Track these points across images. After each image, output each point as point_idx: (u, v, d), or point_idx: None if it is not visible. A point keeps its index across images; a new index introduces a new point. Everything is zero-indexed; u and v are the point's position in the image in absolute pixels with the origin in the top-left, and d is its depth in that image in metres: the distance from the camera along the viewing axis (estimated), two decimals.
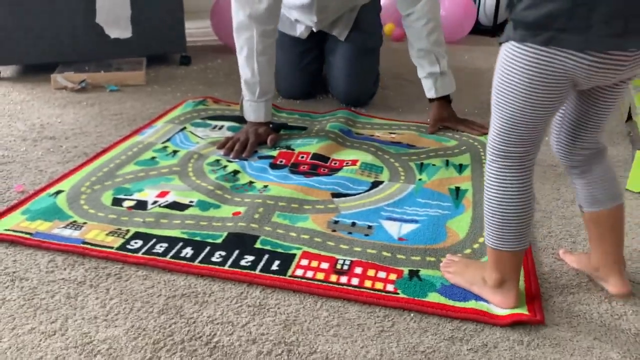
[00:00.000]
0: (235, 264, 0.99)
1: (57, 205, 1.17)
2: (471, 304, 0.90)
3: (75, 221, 1.11)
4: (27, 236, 1.05)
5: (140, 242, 1.04)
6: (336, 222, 1.13)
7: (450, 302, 0.90)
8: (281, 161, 1.41)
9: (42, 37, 2.06)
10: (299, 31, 1.86)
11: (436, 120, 1.69)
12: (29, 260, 1.00)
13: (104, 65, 2.13)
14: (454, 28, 2.76)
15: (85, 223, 1.11)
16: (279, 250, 1.03)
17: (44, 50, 2.08)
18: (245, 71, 1.52)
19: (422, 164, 1.41)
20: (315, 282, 0.94)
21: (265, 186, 1.27)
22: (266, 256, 1.01)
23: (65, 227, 1.09)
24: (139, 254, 1.00)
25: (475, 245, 1.06)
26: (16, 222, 1.10)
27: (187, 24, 2.31)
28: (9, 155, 1.43)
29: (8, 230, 1.07)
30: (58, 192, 1.22)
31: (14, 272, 0.96)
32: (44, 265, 0.98)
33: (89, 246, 1.03)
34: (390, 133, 1.61)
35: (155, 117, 1.71)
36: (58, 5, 2.04)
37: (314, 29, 1.83)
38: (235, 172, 1.34)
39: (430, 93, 1.70)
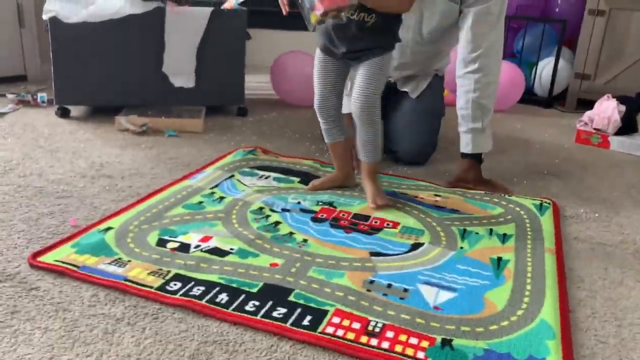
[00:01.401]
0: (268, 314, 1.00)
1: (105, 242, 1.22)
2: None
3: (120, 258, 1.16)
4: (75, 269, 1.10)
5: (179, 284, 1.07)
6: (372, 282, 1.13)
7: None
8: (322, 215, 1.43)
9: (112, 82, 2.20)
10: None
11: (459, 181, 1.71)
12: (73, 293, 1.04)
13: (166, 111, 2.24)
14: (500, 97, 2.77)
15: (129, 261, 1.15)
16: (312, 305, 1.04)
17: (112, 93, 2.22)
18: None
19: (464, 230, 1.40)
20: (346, 342, 0.94)
21: (305, 240, 1.29)
22: (298, 310, 1.02)
23: (110, 263, 1.13)
24: (177, 296, 1.03)
25: (513, 318, 1.03)
26: (66, 254, 1.16)
27: (247, 77, 2.42)
28: (68, 190, 1.51)
29: (58, 261, 1.13)
30: (108, 229, 1.28)
31: (58, 303, 1.00)
32: (87, 299, 1.02)
33: (130, 284, 1.06)
34: (435, 196, 1.61)
35: (207, 163, 1.77)
36: (129, 54, 2.19)
37: (391, 80, 1.89)
38: (277, 223, 1.37)
39: (467, 148, 1.71)
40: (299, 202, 1.50)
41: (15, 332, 0.92)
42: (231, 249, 1.23)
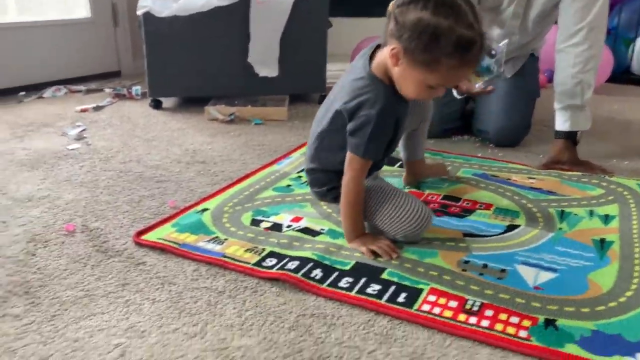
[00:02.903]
0: (362, 291, 1.00)
1: (203, 222, 1.27)
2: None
3: (217, 237, 1.20)
4: (176, 246, 1.16)
5: (274, 260, 1.10)
6: (467, 262, 1.11)
7: (591, 356, 0.83)
8: None
9: (200, 74, 2.29)
10: None
11: (553, 161, 1.63)
12: (177, 267, 1.09)
13: (251, 101, 2.30)
14: None
15: (226, 239, 1.19)
16: (406, 283, 1.03)
17: (200, 85, 2.31)
18: None
19: (563, 212, 1.34)
20: (444, 319, 0.92)
21: None
22: (393, 287, 1.01)
23: (208, 241, 1.18)
24: (273, 270, 1.06)
25: (622, 299, 0.97)
26: (167, 232, 1.22)
27: (328, 65, 2.44)
28: (166, 174, 1.59)
29: (160, 239, 1.19)
30: (204, 210, 1.33)
31: (164, 277, 1.06)
32: (189, 273, 1.07)
33: (228, 260, 1.10)
34: (529, 178, 1.55)
35: (292, 149, 1.80)
36: (216, 46, 2.26)
37: None
38: None
39: (564, 125, 1.63)
40: None
41: (126, 302, 0.98)
42: (322, 229, 1.24)
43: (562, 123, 1.63)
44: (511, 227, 1.25)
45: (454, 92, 1.63)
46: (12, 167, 1.64)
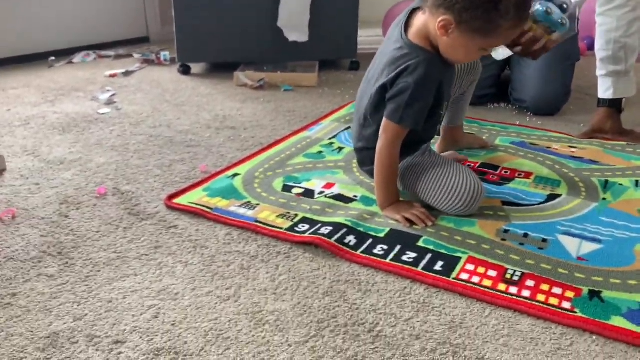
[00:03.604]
0: (397, 258, 0.97)
1: (234, 186, 1.25)
2: None
3: (249, 202, 1.18)
4: (208, 210, 1.14)
5: (307, 226, 1.08)
6: (506, 231, 1.07)
7: (639, 329, 0.80)
8: None
9: (229, 39, 2.25)
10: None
11: (595, 130, 1.56)
12: (209, 231, 1.08)
13: (281, 67, 2.26)
14: None
15: (258, 204, 1.17)
16: (443, 251, 1.00)
17: (229, 50, 2.28)
18: None
19: (606, 181, 1.28)
20: (483, 289, 0.89)
21: None
22: (429, 255, 0.98)
23: (240, 206, 1.16)
24: (306, 235, 1.04)
25: None
26: (199, 197, 1.20)
27: (359, 32, 2.38)
28: (196, 139, 1.57)
29: (192, 203, 1.18)
30: (235, 175, 1.31)
31: (196, 240, 1.05)
32: (222, 237, 1.05)
33: (261, 225, 1.08)
34: (570, 147, 1.49)
35: (323, 116, 1.76)
36: (246, 11, 2.22)
37: None
38: None
39: (607, 93, 1.55)
40: None
41: (159, 265, 0.97)
42: (355, 196, 1.22)
43: (605, 90, 1.56)
44: (552, 197, 1.21)
45: (499, 52, 1.50)
46: (44, 130, 1.64)
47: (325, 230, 1.05)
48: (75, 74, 2.34)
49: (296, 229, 1.07)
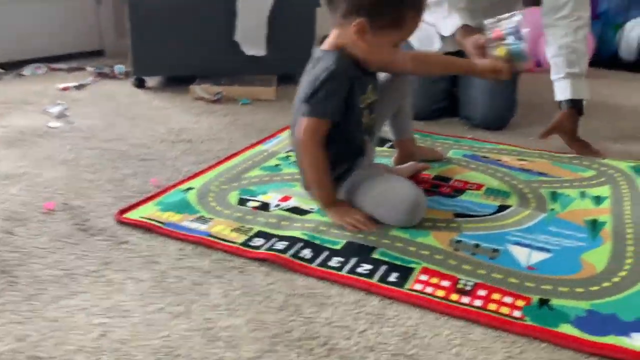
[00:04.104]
0: (353, 270, 0.98)
1: (187, 200, 1.23)
2: (610, 339, 0.81)
3: (202, 216, 1.17)
4: (160, 225, 1.12)
5: (262, 240, 1.07)
6: (459, 241, 1.09)
7: (586, 336, 0.82)
8: None
9: (185, 52, 2.23)
10: (438, 47, 1.83)
11: (555, 128, 1.61)
12: (161, 246, 1.06)
13: (239, 80, 2.25)
14: None
15: (212, 218, 1.15)
16: (398, 262, 1.01)
17: (185, 64, 2.25)
18: None
19: (554, 192, 1.32)
20: (436, 299, 0.90)
21: None
22: (384, 267, 0.99)
23: (193, 220, 1.15)
24: (261, 250, 1.03)
25: (616, 280, 0.96)
26: (151, 211, 1.18)
27: (317, 46, 2.39)
28: (150, 153, 1.54)
29: (143, 217, 1.15)
30: (189, 189, 1.29)
31: (147, 256, 1.02)
32: (174, 253, 1.03)
33: (214, 239, 1.07)
34: (520, 160, 1.53)
35: (280, 129, 1.76)
36: (203, 24, 2.20)
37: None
38: None
39: (564, 94, 1.60)
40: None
41: (109, 281, 0.94)
42: (311, 208, 1.21)
43: (563, 91, 1.60)
44: (503, 208, 1.23)
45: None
46: None
47: (281, 245, 1.04)
48: (26, 87, 2.27)
49: (251, 243, 1.06)
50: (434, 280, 0.96)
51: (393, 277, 0.96)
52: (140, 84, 2.30)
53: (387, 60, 1.14)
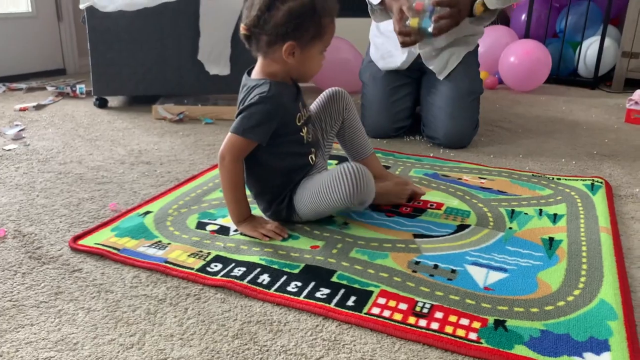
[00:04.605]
0: (311, 295, 0.97)
1: (145, 225, 1.21)
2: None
3: (160, 241, 1.14)
4: (115, 251, 1.09)
5: (220, 266, 1.05)
6: (417, 263, 1.09)
7: (540, 357, 0.82)
8: None
9: (148, 72, 2.21)
10: (400, 61, 1.86)
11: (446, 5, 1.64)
12: (115, 274, 1.03)
13: (202, 100, 2.24)
14: (526, 77, 2.72)
15: (169, 243, 1.13)
16: (356, 285, 1.00)
17: (148, 83, 2.23)
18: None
19: (513, 211, 1.34)
20: (393, 323, 0.90)
21: (346, 223, 1.25)
22: (342, 290, 0.98)
23: (150, 245, 1.12)
24: (218, 277, 1.01)
25: (570, 298, 0.97)
26: (106, 237, 1.15)
27: None
28: (108, 176, 1.51)
29: (98, 244, 1.12)
30: (147, 213, 1.27)
31: (101, 284, 1.00)
32: (128, 280, 1.01)
33: (171, 265, 1.05)
34: (480, 178, 1.55)
35: None
36: (165, 43, 2.19)
37: (419, 52, 1.84)
38: None
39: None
40: None
41: (59, 312, 0.91)
42: None
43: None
44: (462, 227, 1.25)
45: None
46: None
47: (238, 271, 1.03)
48: None
49: (208, 268, 1.04)
50: (392, 303, 0.95)
51: (351, 301, 0.95)
52: (102, 103, 2.26)
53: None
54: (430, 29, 1.62)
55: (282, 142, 1.18)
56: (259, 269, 1.04)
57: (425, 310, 0.93)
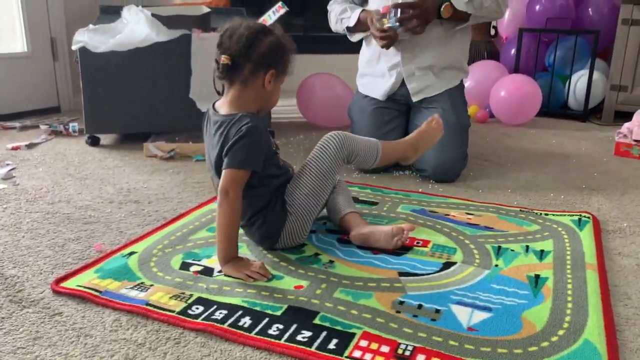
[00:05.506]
0: (292, 338, 0.95)
1: (128, 266, 1.20)
2: None
3: (142, 283, 1.14)
4: (97, 294, 1.09)
5: (201, 308, 1.04)
6: (401, 302, 1.08)
7: None
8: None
9: (140, 109, 2.23)
10: (383, 88, 1.93)
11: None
12: (96, 318, 1.02)
13: (193, 137, 2.25)
14: (517, 111, 2.76)
15: (152, 285, 1.13)
16: (338, 327, 0.99)
17: (140, 120, 2.25)
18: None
19: (499, 247, 1.33)
20: None
21: (331, 261, 1.25)
22: (324, 333, 0.97)
23: (132, 287, 1.12)
24: (198, 320, 1.00)
25: (554, 339, 0.96)
26: (89, 279, 1.15)
27: None
28: (95, 216, 1.51)
29: (80, 286, 1.11)
30: (131, 253, 1.26)
31: (80, 328, 0.98)
32: (109, 324, 1.00)
33: (152, 308, 1.04)
34: (467, 214, 1.55)
35: None
36: (157, 82, 2.21)
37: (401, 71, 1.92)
38: (302, 245, 1.33)
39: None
40: (324, 223, 1.47)
41: (36, 359, 0.90)
42: None
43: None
44: (447, 265, 1.24)
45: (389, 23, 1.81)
46: None
47: (220, 314, 1.02)
48: None
49: (189, 311, 1.03)
50: (374, 345, 0.94)
51: (332, 344, 0.94)
52: (94, 142, 2.28)
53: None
54: (396, 25, 1.80)
55: (266, 167, 1.25)
56: (240, 312, 1.03)
57: (407, 353, 0.92)
